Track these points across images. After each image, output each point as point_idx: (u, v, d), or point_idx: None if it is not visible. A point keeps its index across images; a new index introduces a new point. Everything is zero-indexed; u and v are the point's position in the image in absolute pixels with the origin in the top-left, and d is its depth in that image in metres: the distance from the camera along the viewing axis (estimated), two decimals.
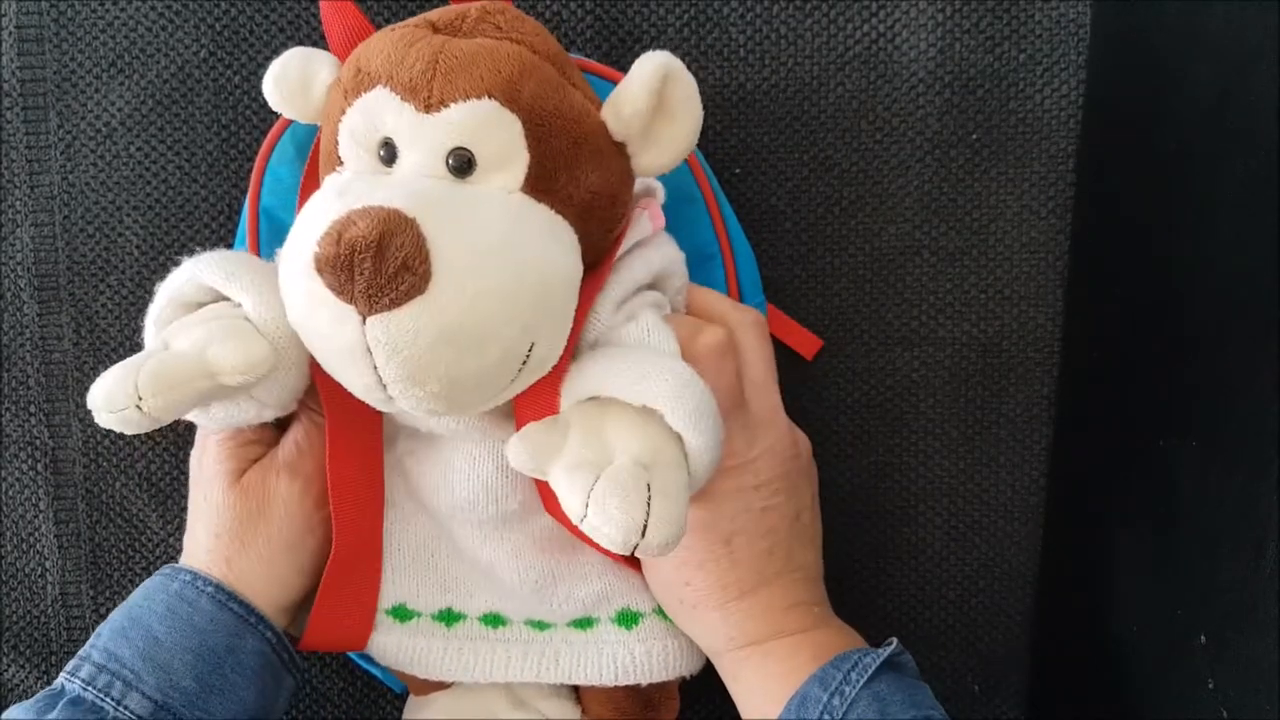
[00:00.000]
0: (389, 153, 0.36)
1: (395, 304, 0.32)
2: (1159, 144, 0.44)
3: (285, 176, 0.46)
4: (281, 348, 0.38)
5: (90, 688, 0.38)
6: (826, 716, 0.37)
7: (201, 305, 0.40)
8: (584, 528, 0.33)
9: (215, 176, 0.51)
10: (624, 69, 0.38)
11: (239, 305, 0.39)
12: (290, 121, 0.46)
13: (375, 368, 0.33)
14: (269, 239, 0.47)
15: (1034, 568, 0.52)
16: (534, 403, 0.37)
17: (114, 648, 0.39)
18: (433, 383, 0.33)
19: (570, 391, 0.37)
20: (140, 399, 0.35)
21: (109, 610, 0.53)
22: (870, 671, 0.38)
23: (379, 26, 0.38)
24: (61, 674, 0.39)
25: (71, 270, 0.52)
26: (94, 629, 0.54)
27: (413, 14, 0.40)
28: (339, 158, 0.37)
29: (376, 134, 0.36)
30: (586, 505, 0.33)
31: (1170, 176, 0.43)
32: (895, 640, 0.40)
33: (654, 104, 0.36)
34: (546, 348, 0.36)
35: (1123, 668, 0.45)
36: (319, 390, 0.41)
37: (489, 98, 0.34)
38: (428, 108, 0.34)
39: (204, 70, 0.50)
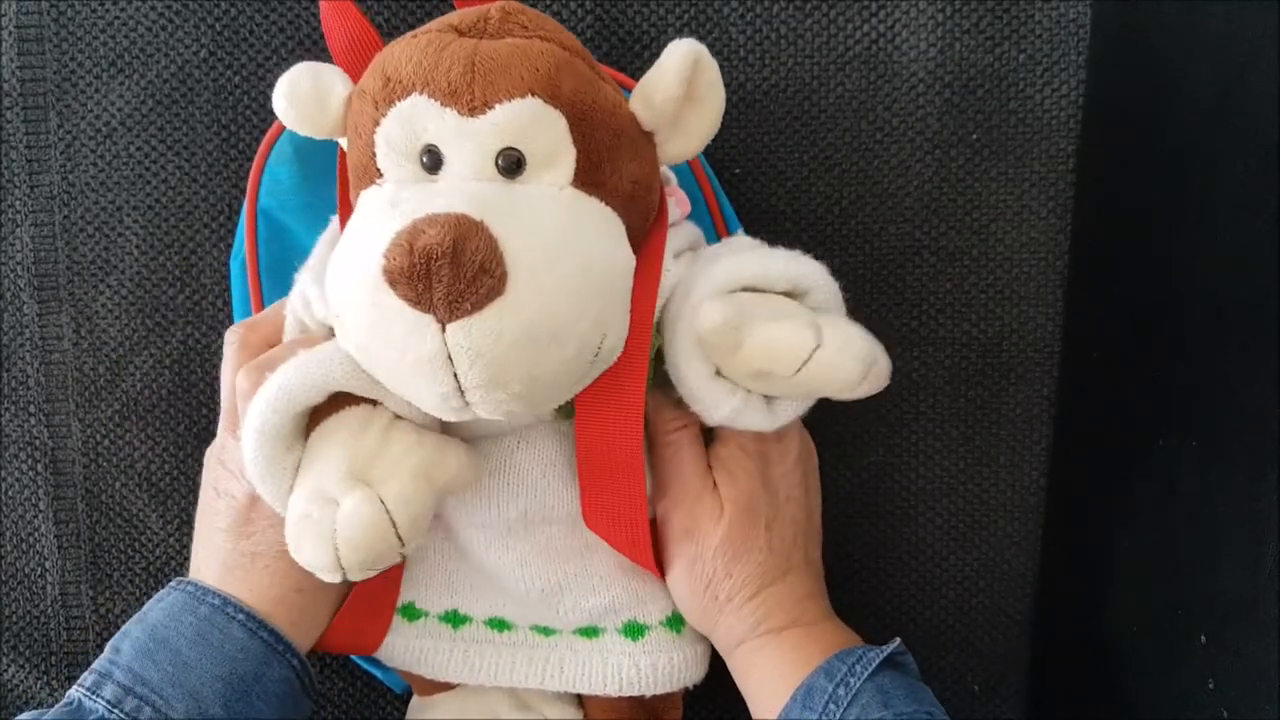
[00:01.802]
0: (432, 159, 0.35)
1: (476, 308, 0.32)
2: (1159, 144, 0.44)
3: (283, 177, 0.46)
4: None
5: (117, 710, 0.37)
6: (832, 706, 0.38)
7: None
8: (810, 367, 0.35)
9: (215, 176, 0.51)
10: (624, 69, 0.38)
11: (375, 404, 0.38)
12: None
13: (455, 375, 0.33)
14: (268, 239, 0.47)
15: (1034, 568, 0.52)
16: (606, 394, 0.38)
17: (140, 669, 0.38)
18: (515, 383, 0.33)
19: (716, 282, 0.38)
20: (402, 542, 0.36)
21: (109, 610, 0.54)
22: (875, 665, 0.38)
23: (379, 28, 0.38)
24: (77, 689, 0.38)
25: (71, 270, 0.52)
26: (94, 629, 0.54)
27: (413, 14, 0.40)
28: (377, 170, 0.36)
29: (417, 141, 0.35)
30: (818, 341, 0.35)
31: (1170, 176, 0.43)
32: (899, 640, 0.40)
33: (685, 91, 0.36)
34: (615, 338, 0.36)
35: (1123, 668, 0.45)
36: None
37: (532, 96, 0.34)
38: (471, 111, 0.34)
39: (204, 70, 0.50)
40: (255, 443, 0.37)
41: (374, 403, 0.38)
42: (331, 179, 0.40)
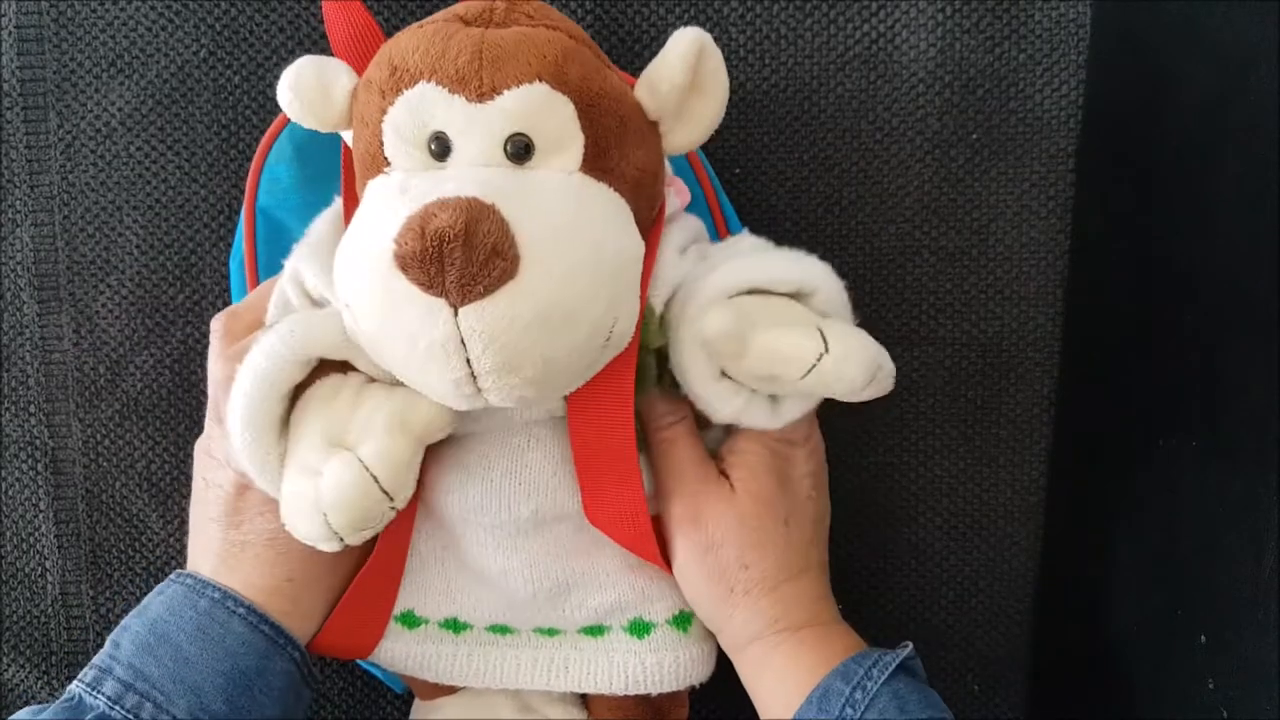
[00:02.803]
0: (440, 147, 0.35)
1: (489, 291, 0.32)
2: (1159, 144, 0.44)
3: (283, 176, 0.46)
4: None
5: (118, 706, 0.37)
6: (849, 710, 0.38)
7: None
8: (816, 373, 0.35)
9: (215, 176, 0.51)
10: (624, 68, 0.38)
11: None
12: (287, 120, 0.46)
13: (468, 360, 0.33)
14: (266, 238, 0.47)
15: (1034, 568, 0.52)
16: (597, 386, 0.37)
17: (141, 665, 0.38)
18: (528, 368, 0.33)
19: (721, 286, 0.38)
20: (390, 496, 0.36)
21: (109, 610, 0.54)
22: (891, 669, 0.38)
23: (381, 26, 0.38)
24: (77, 684, 0.38)
25: (71, 270, 0.52)
26: (94, 629, 0.54)
27: (413, 14, 0.40)
28: (385, 159, 0.36)
29: (425, 129, 0.35)
30: (824, 347, 0.35)
31: (1170, 176, 0.43)
32: (911, 645, 0.40)
33: (691, 79, 0.36)
34: (626, 323, 0.36)
35: (1123, 668, 0.45)
36: None
37: (539, 81, 0.35)
38: (480, 97, 0.34)
39: (204, 70, 0.50)
40: (242, 433, 0.37)
41: (350, 369, 0.38)
42: (331, 177, 0.40)
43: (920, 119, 0.50)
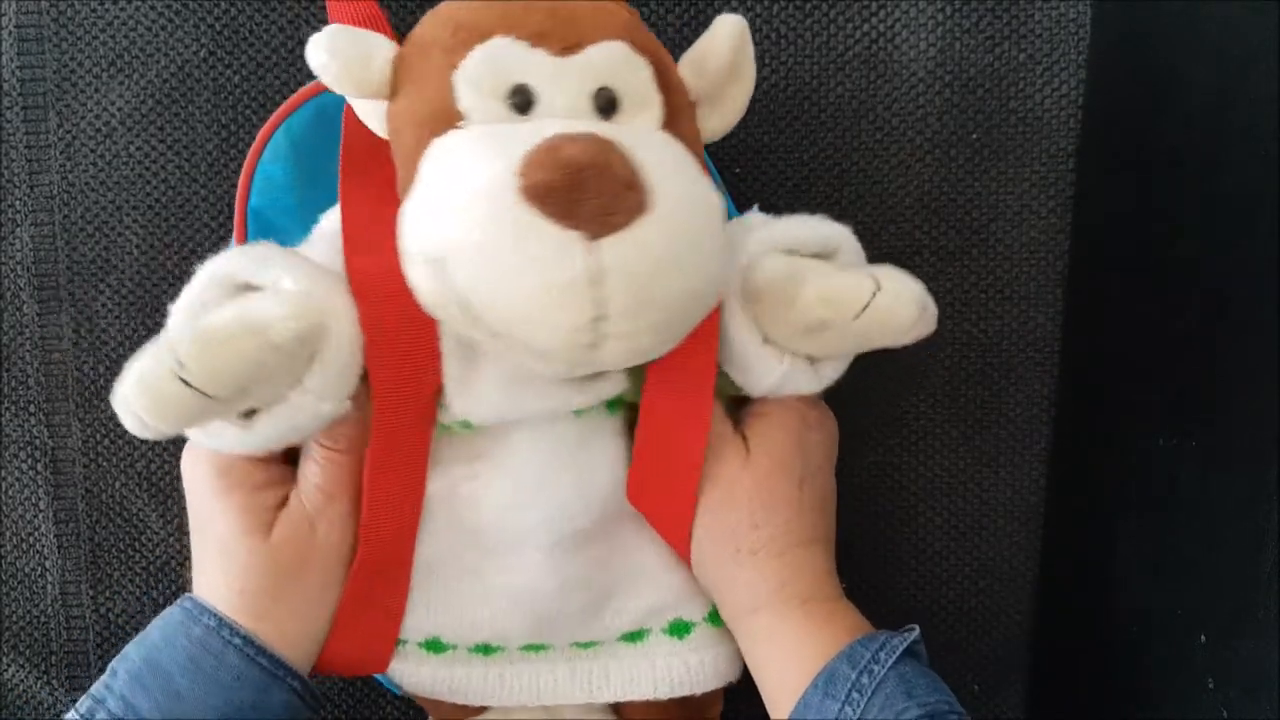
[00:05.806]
0: (523, 99, 0.34)
1: (625, 223, 0.31)
2: (1159, 144, 0.44)
3: (277, 175, 0.45)
4: (331, 319, 0.35)
5: None
6: (856, 695, 0.37)
7: None
8: (870, 312, 0.35)
9: (215, 176, 0.51)
10: None
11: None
12: (283, 119, 0.45)
13: (594, 301, 0.31)
14: (260, 240, 0.46)
15: (1034, 568, 0.52)
16: (690, 353, 0.37)
17: (131, 697, 0.36)
18: (656, 309, 0.32)
19: (755, 251, 0.38)
20: (181, 365, 0.31)
21: (109, 610, 0.54)
22: (898, 653, 0.38)
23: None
24: (74, 712, 0.36)
25: (71, 270, 0.52)
26: (94, 629, 0.54)
27: (415, 14, 0.40)
28: (458, 113, 0.35)
29: (507, 80, 0.34)
30: (876, 285, 0.35)
31: (1170, 176, 0.43)
32: (917, 628, 0.40)
33: (734, 61, 0.37)
34: (725, 278, 0.36)
35: (1123, 668, 0.45)
36: (374, 397, 0.37)
37: (620, 40, 0.35)
38: (564, 50, 0.34)
39: (204, 70, 0.50)
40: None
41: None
42: (328, 177, 0.40)
43: (920, 119, 0.50)
